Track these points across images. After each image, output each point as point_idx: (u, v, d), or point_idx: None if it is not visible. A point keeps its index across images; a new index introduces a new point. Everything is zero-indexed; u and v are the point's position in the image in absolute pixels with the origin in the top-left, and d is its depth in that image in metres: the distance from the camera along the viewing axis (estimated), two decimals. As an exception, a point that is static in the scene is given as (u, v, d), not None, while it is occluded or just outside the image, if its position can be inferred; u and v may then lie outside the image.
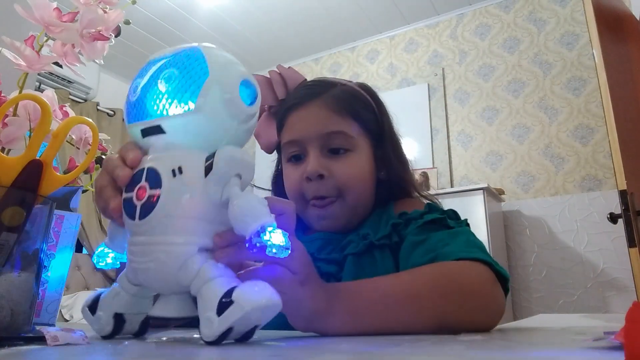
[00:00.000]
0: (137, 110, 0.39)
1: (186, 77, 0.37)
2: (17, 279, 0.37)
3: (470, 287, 0.50)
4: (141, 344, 0.37)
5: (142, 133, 0.39)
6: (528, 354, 0.30)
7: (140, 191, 0.37)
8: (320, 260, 0.67)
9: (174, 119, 0.37)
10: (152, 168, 0.37)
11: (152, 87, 0.38)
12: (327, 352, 0.34)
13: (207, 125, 0.37)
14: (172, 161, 0.37)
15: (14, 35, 0.51)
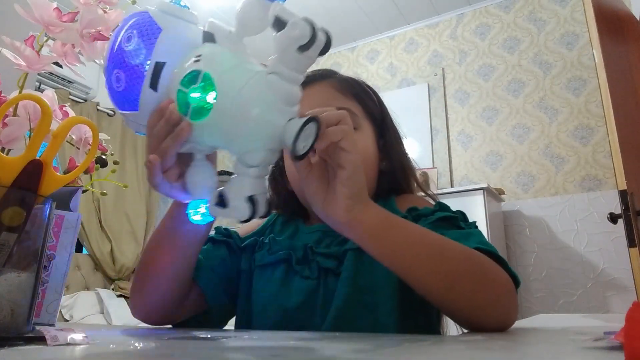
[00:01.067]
0: (131, 83, 0.41)
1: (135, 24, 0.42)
2: (17, 279, 0.37)
3: (495, 278, 0.50)
4: (141, 344, 0.37)
5: (152, 86, 0.41)
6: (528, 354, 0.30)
7: (194, 92, 0.40)
8: (319, 255, 0.67)
9: (158, 47, 0.41)
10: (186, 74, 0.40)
11: (124, 58, 0.41)
12: (327, 352, 0.34)
13: (176, 31, 0.43)
14: (188, 61, 0.41)
15: (14, 35, 0.51)
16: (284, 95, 0.40)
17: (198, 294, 0.65)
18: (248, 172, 0.42)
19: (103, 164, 0.62)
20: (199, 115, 0.40)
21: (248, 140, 0.41)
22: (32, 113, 0.50)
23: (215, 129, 0.40)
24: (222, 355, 0.32)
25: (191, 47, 0.42)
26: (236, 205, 0.41)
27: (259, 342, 0.42)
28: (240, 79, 0.40)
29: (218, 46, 0.42)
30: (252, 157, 0.41)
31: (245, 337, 0.47)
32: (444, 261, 0.49)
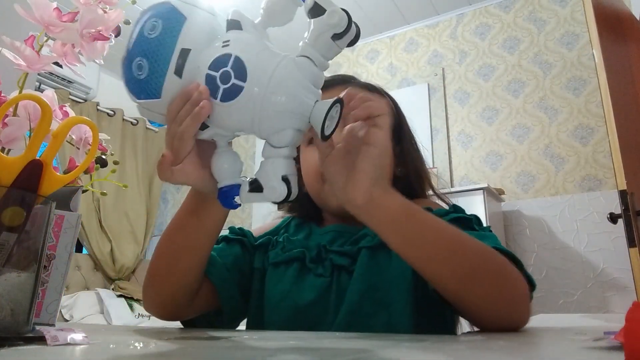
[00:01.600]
0: (154, 70, 0.42)
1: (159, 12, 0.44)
2: (17, 279, 0.37)
3: (512, 278, 0.50)
4: (141, 344, 0.37)
5: (177, 72, 0.42)
6: (528, 354, 0.30)
7: (223, 75, 0.41)
8: (332, 253, 0.67)
9: (183, 34, 0.42)
10: (215, 58, 0.41)
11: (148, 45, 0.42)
12: (327, 352, 0.34)
13: (199, 19, 0.44)
14: (214, 46, 0.42)
15: (14, 35, 0.51)
16: (313, 78, 0.42)
17: (210, 290, 0.65)
18: (279, 153, 0.42)
19: (103, 164, 0.61)
20: (230, 97, 0.41)
21: (278, 120, 0.41)
22: (32, 113, 0.50)
23: (245, 110, 0.41)
24: (222, 355, 0.32)
25: (213, 33, 0.44)
26: (273, 186, 0.42)
27: (258, 342, 0.42)
28: (271, 61, 0.41)
29: (244, 32, 0.43)
30: (282, 138, 0.42)
31: (245, 337, 0.47)
32: (463, 255, 0.49)
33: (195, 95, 0.41)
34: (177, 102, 0.43)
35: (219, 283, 0.65)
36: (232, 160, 0.45)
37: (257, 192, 0.42)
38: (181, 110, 0.42)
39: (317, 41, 0.42)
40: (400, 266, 0.63)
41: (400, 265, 0.63)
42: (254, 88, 0.40)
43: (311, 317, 0.64)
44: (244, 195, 0.43)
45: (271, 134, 0.42)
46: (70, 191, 0.56)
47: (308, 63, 0.42)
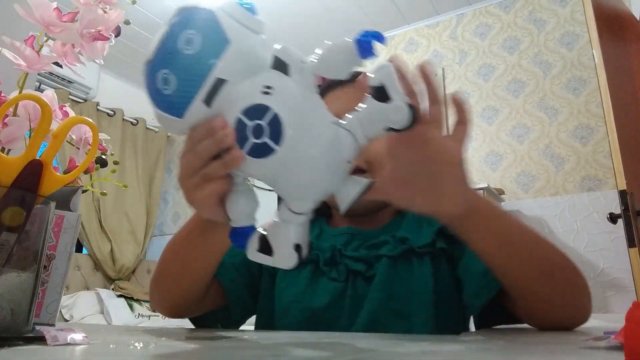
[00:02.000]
0: (182, 91, 0.37)
1: (200, 26, 0.38)
2: (17, 279, 0.37)
3: (581, 276, 0.50)
4: (141, 344, 0.37)
5: (206, 101, 0.38)
6: (528, 354, 0.30)
7: (257, 129, 0.37)
8: (348, 258, 0.66)
9: (223, 62, 0.37)
10: (252, 105, 0.37)
11: (180, 62, 0.37)
12: (328, 352, 0.34)
13: (244, 46, 0.38)
14: (254, 88, 0.37)
15: (14, 35, 0.51)
16: (350, 155, 0.39)
17: (219, 290, 0.65)
18: (295, 220, 0.40)
19: (103, 164, 0.61)
20: (256, 154, 0.37)
21: (302, 190, 0.39)
22: (32, 113, 0.50)
23: (270, 171, 0.38)
24: (222, 355, 0.32)
25: (256, 66, 0.39)
26: (284, 254, 0.39)
27: (259, 342, 0.42)
28: (312, 130, 0.37)
29: (290, 81, 0.38)
30: (301, 206, 0.39)
31: (246, 337, 0.47)
32: (542, 253, 0.48)
33: (219, 136, 0.38)
34: (200, 133, 0.39)
35: (227, 284, 0.65)
36: (249, 200, 0.41)
37: (265, 255, 0.40)
38: (202, 143, 0.39)
39: (369, 125, 0.38)
40: (422, 277, 0.63)
41: (422, 277, 0.63)
42: (286, 156, 0.36)
43: (324, 322, 0.63)
44: (251, 252, 0.41)
45: (291, 201, 0.39)
46: (70, 191, 0.56)
47: (349, 140, 0.38)
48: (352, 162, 0.39)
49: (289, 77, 0.38)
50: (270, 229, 0.40)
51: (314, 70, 0.40)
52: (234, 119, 0.38)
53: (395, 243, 0.66)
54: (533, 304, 0.50)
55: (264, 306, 0.69)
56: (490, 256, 0.48)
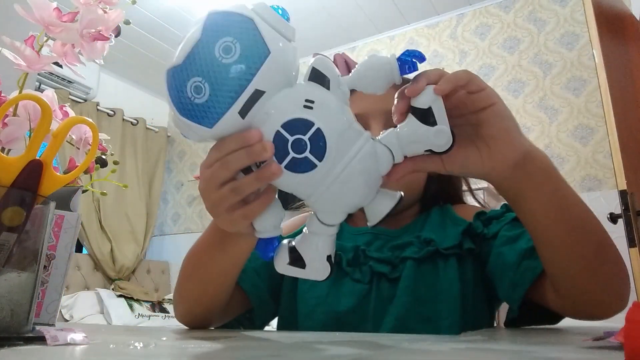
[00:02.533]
0: (216, 101, 0.36)
1: (239, 33, 0.36)
2: (17, 279, 0.37)
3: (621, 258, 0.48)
4: (141, 344, 0.37)
5: (242, 112, 0.36)
6: (528, 354, 0.30)
7: (298, 143, 0.36)
8: (371, 259, 0.65)
9: (262, 72, 0.35)
10: (293, 119, 0.36)
11: (217, 71, 0.35)
12: (328, 352, 0.34)
13: (283, 56, 0.37)
14: (294, 101, 0.37)
15: (14, 35, 0.51)
16: (385, 170, 0.39)
17: (241, 295, 0.64)
18: (327, 231, 0.39)
19: (103, 164, 0.61)
20: (297, 169, 0.36)
21: (336, 204, 0.38)
22: (32, 113, 0.50)
23: (307, 186, 0.37)
24: (222, 355, 0.32)
25: (292, 77, 0.38)
26: (317, 266, 0.39)
27: (259, 342, 0.42)
28: (353, 145, 0.37)
29: (331, 96, 0.38)
30: (331, 218, 0.39)
31: (247, 337, 0.47)
32: (597, 227, 0.46)
33: (257, 148, 0.36)
34: (231, 144, 0.37)
35: (250, 289, 0.64)
36: (275, 211, 0.41)
37: (297, 267, 0.39)
38: (234, 155, 0.38)
39: (409, 144, 0.38)
40: (448, 279, 0.62)
41: (448, 279, 0.62)
42: (326, 171, 0.36)
43: (350, 325, 0.62)
44: (281, 265, 0.40)
45: (323, 212, 0.39)
46: (70, 191, 0.56)
47: (387, 156, 0.38)
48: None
49: (328, 91, 0.38)
50: (301, 241, 0.40)
51: (351, 84, 0.39)
52: (272, 131, 0.36)
53: (420, 244, 0.65)
54: (578, 282, 0.46)
55: (286, 308, 0.69)
56: (548, 218, 0.45)
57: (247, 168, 0.39)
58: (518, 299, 0.54)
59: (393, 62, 0.39)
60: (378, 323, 0.61)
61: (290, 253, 0.40)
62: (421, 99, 0.39)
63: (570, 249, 0.45)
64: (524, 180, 0.43)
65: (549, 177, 0.44)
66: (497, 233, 0.61)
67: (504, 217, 0.62)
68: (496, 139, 0.41)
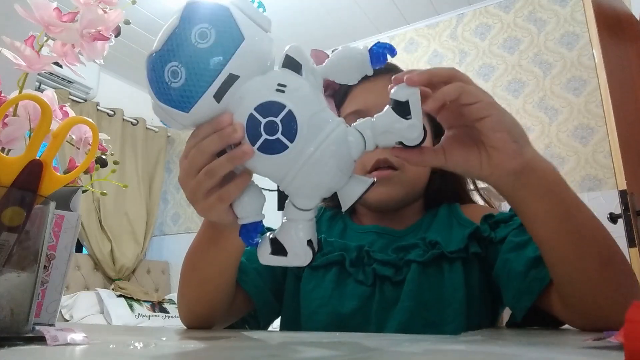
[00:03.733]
0: (192, 85, 0.37)
1: (214, 20, 0.37)
2: (17, 279, 0.37)
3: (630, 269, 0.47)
4: (141, 344, 0.37)
5: (217, 96, 0.37)
6: (528, 354, 0.30)
7: (270, 125, 0.37)
8: (375, 261, 0.64)
9: (236, 57, 0.37)
10: (266, 102, 0.37)
11: (193, 55, 0.37)
12: (327, 352, 0.34)
13: (257, 43, 0.38)
14: (267, 85, 0.38)
15: (14, 35, 0.51)
16: (358, 154, 0.39)
17: (245, 297, 0.64)
18: (304, 216, 0.40)
19: (103, 164, 0.61)
20: (269, 150, 0.37)
21: (309, 188, 0.39)
22: (32, 113, 0.50)
23: (280, 168, 0.38)
24: (222, 355, 0.32)
25: (266, 64, 0.39)
26: (298, 252, 0.39)
27: (259, 342, 0.42)
28: (325, 128, 0.38)
29: (304, 81, 0.39)
30: (307, 203, 0.40)
31: (246, 336, 0.47)
32: (604, 234, 0.45)
33: (227, 132, 0.37)
34: (205, 129, 0.39)
35: (253, 290, 0.64)
36: (255, 195, 0.42)
37: (279, 256, 0.40)
38: (207, 138, 0.39)
39: (382, 134, 0.39)
40: (453, 284, 0.61)
41: (453, 283, 0.61)
42: (298, 152, 0.37)
43: (352, 327, 0.62)
44: (265, 256, 0.40)
45: (298, 197, 0.40)
46: (70, 191, 0.56)
47: (359, 142, 0.39)
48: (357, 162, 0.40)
49: (301, 77, 0.39)
50: (280, 230, 0.40)
51: (324, 73, 0.40)
52: (245, 114, 0.38)
53: (426, 247, 0.64)
54: (585, 295, 0.45)
55: (289, 309, 0.68)
56: (551, 229, 0.44)
57: (222, 153, 0.40)
58: (523, 309, 0.53)
59: (365, 53, 0.40)
60: (381, 326, 0.61)
61: (272, 244, 0.40)
62: (399, 92, 0.40)
63: (574, 261, 0.44)
64: (523, 190, 0.43)
65: (550, 190, 0.44)
66: (504, 238, 0.60)
67: (512, 221, 0.61)
68: (494, 149, 0.41)
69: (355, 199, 0.39)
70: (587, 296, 0.45)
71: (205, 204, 0.41)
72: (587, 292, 0.45)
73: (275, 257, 0.40)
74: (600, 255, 0.44)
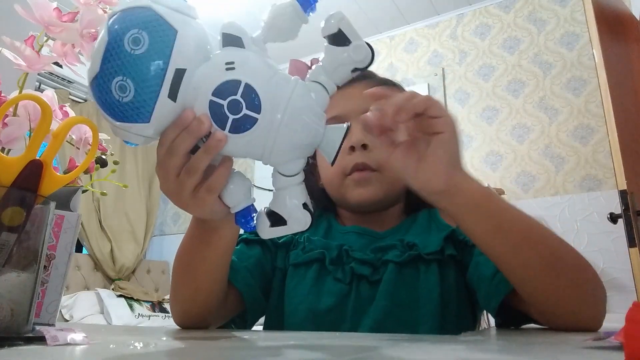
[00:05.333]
0: (143, 93, 0.36)
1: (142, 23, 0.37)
2: (17, 279, 0.37)
3: (589, 268, 0.48)
4: (141, 344, 0.37)
5: (171, 96, 0.37)
6: (528, 354, 0.30)
7: (233, 105, 0.37)
8: (354, 259, 0.66)
9: (176, 51, 0.37)
10: (220, 83, 0.37)
11: (133, 64, 0.36)
12: (327, 352, 0.34)
13: (191, 32, 0.38)
14: (215, 68, 0.38)
15: (14, 35, 0.51)
16: (324, 104, 0.40)
17: (235, 296, 0.64)
18: (293, 181, 0.40)
19: (103, 164, 0.61)
20: (240, 129, 0.37)
21: (291, 151, 0.39)
22: (32, 113, 0.50)
23: (257, 142, 0.38)
24: (222, 355, 0.32)
25: (207, 49, 0.39)
26: (297, 217, 0.40)
27: (258, 342, 0.42)
28: (285, 88, 0.38)
29: (248, 52, 0.39)
30: (293, 167, 0.40)
31: (245, 336, 0.47)
32: (545, 243, 0.47)
33: (194, 124, 0.37)
34: (171, 132, 0.38)
35: (244, 288, 0.64)
36: (240, 181, 0.42)
37: (280, 226, 0.40)
38: (176, 139, 0.38)
39: (335, 71, 0.40)
40: (429, 285, 0.62)
41: (429, 284, 0.62)
42: (269, 120, 0.37)
43: (327, 323, 0.63)
44: (265, 230, 0.41)
45: (281, 164, 0.40)
46: (70, 191, 0.56)
47: (320, 89, 0.40)
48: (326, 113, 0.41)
49: (245, 49, 0.39)
50: (273, 202, 0.41)
51: (265, 38, 0.40)
52: (205, 103, 0.37)
53: (403, 248, 0.65)
54: (538, 297, 0.48)
55: (273, 306, 0.69)
56: (485, 241, 0.47)
57: (196, 148, 0.40)
58: (493, 309, 0.55)
59: (294, 2, 0.40)
60: (356, 324, 0.62)
61: (269, 217, 0.41)
62: (329, 23, 0.40)
63: (516, 268, 0.47)
64: (452, 208, 0.46)
65: (478, 207, 0.46)
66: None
67: None
68: (429, 164, 0.44)
69: (337, 146, 0.39)
70: (539, 297, 0.48)
71: (195, 201, 0.42)
72: (538, 294, 0.47)
73: (276, 229, 0.40)
74: (543, 259, 0.46)
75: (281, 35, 0.41)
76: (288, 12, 0.40)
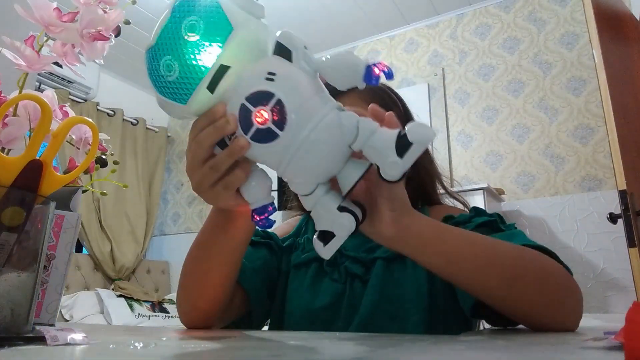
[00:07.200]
0: (185, 78, 0.38)
1: (203, 12, 0.38)
2: (17, 279, 0.37)
3: (554, 272, 0.49)
4: (141, 344, 0.37)
5: (210, 88, 0.38)
6: (528, 354, 0.30)
7: (258, 114, 0.37)
8: (348, 259, 0.67)
9: (227, 48, 0.37)
10: (255, 91, 0.38)
11: (184, 48, 0.38)
12: (327, 352, 0.34)
13: (247, 32, 0.38)
14: (257, 74, 0.38)
15: (14, 35, 0.51)
16: (351, 138, 0.38)
17: (242, 297, 0.65)
18: (318, 194, 0.40)
19: (103, 164, 0.61)
20: (260, 139, 0.38)
21: (303, 174, 0.39)
22: (32, 113, 0.50)
23: (274, 155, 0.38)
24: (222, 355, 0.32)
25: (259, 52, 0.39)
26: (339, 224, 0.39)
27: (259, 342, 0.42)
28: (315, 114, 0.37)
29: (293, 68, 0.39)
30: (303, 188, 0.40)
31: (246, 336, 0.47)
32: (502, 263, 0.48)
33: (221, 123, 0.39)
34: (202, 121, 0.40)
35: (251, 289, 0.65)
36: (262, 179, 0.42)
37: (332, 240, 0.40)
38: (204, 132, 0.40)
39: (370, 147, 0.38)
40: (416, 279, 0.63)
41: (416, 278, 0.63)
42: (289, 140, 0.37)
43: (321, 322, 0.64)
44: (323, 251, 0.40)
45: (294, 182, 0.40)
46: (70, 191, 0.56)
47: (352, 128, 0.38)
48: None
49: (291, 63, 0.39)
50: (315, 221, 0.41)
51: (318, 66, 0.40)
52: (238, 104, 0.38)
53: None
54: (505, 308, 0.49)
55: (277, 306, 0.70)
56: (442, 273, 0.48)
57: (222, 142, 0.41)
58: (467, 309, 0.56)
59: (362, 66, 0.38)
60: (348, 321, 0.63)
61: (320, 238, 0.40)
62: (417, 130, 0.37)
63: (474, 286, 0.48)
64: (403, 249, 0.46)
65: (427, 247, 0.46)
66: None
67: (470, 223, 0.62)
68: (377, 214, 0.43)
69: (352, 183, 0.39)
70: (506, 310, 0.49)
71: (212, 193, 0.43)
72: (505, 308, 0.49)
73: (331, 244, 0.40)
74: (501, 280, 0.47)
75: (332, 78, 0.39)
76: (352, 69, 0.38)
